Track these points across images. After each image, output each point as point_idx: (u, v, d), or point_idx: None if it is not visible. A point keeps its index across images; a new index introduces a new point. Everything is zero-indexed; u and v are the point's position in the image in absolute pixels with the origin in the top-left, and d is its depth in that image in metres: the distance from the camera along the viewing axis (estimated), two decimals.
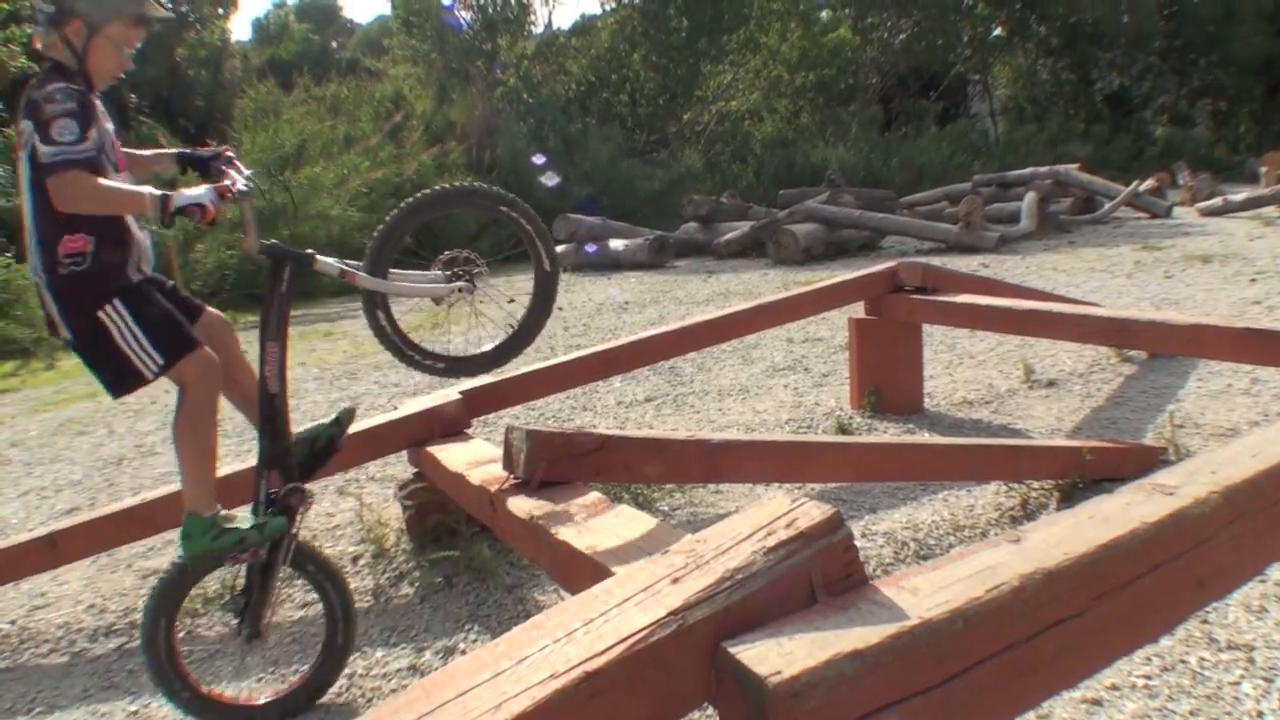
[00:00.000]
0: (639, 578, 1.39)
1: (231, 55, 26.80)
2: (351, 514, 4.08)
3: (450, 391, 3.84)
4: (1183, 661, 2.60)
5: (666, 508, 3.90)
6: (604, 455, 2.60)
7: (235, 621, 2.81)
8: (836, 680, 1.18)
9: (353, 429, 3.72)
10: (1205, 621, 2.80)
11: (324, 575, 2.88)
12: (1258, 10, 31.97)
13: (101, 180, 2.49)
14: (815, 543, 1.34)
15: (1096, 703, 2.44)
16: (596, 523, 2.19)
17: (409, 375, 6.88)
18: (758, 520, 1.41)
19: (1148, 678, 2.54)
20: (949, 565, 1.41)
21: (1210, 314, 6.68)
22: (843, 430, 4.69)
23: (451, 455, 3.29)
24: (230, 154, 3.04)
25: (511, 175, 17.20)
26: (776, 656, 1.20)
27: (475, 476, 2.94)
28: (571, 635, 1.32)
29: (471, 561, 3.47)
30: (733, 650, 1.24)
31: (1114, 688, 2.49)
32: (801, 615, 1.30)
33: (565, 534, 2.14)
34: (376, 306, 3.06)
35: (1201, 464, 1.88)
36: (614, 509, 2.28)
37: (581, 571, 2.01)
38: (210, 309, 3.01)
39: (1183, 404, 4.89)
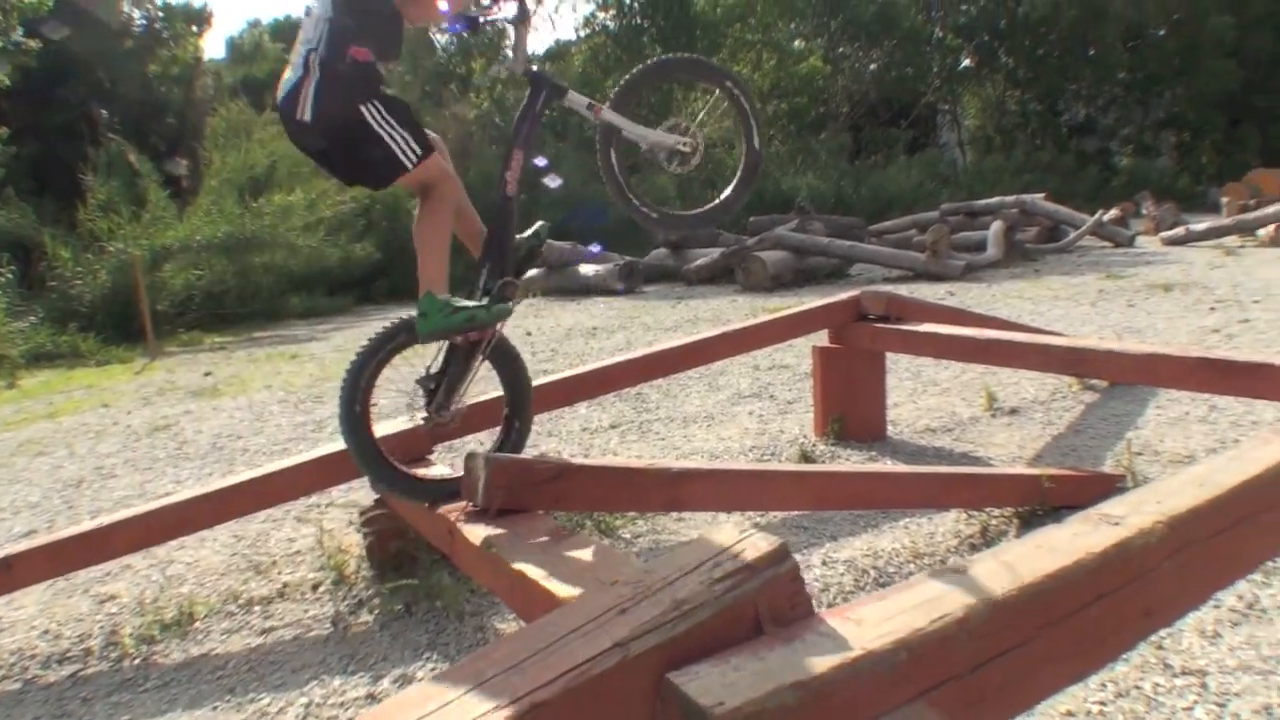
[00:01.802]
0: (587, 608, 1.39)
1: (204, 73, 26.66)
2: (313, 540, 4.05)
3: (417, 416, 3.83)
4: (1137, 687, 2.61)
5: (629, 535, 3.90)
6: (563, 483, 2.60)
7: (426, 401, 3.17)
8: (779, 711, 1.18)
9: (314, 454, 3.75)
10: (1160, 647, 2.82)
11: (513, 366, 3.27)
12: (1219, 44, 32.59)
13: None
14: (761, 574, 1.35)
15: None
16: (553, 551, 2.19)
17: (377, 398, 6.85)
18: (705, 551, 1.42)
19: (1102, 704, 2.55)
20: (895, 595, 1.43)
21: (1169, 343, 6.78)
22: (806, 458, 4.71)
23: None
24: None
25: (482, 201, 17.21)
26: (720, 687, 1.21)
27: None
28: (519, 665, 1.32)
29: (432, 589, 3.45)
30: (677, 681, 1.24)
31: (1069, 714, 2.50)
32: (747, 646, 1.31)
33: (521, 563, 2.13)
34: (610, 145, 3.32)
35: (1148, 494, 1.91)
36: (571, 537, 2.28)
37: (537, 601, 2.01)
38: (431, 133, 3.20)
39: (1142, 431, 4.95)
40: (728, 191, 3.48)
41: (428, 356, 3.24)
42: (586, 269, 13.45)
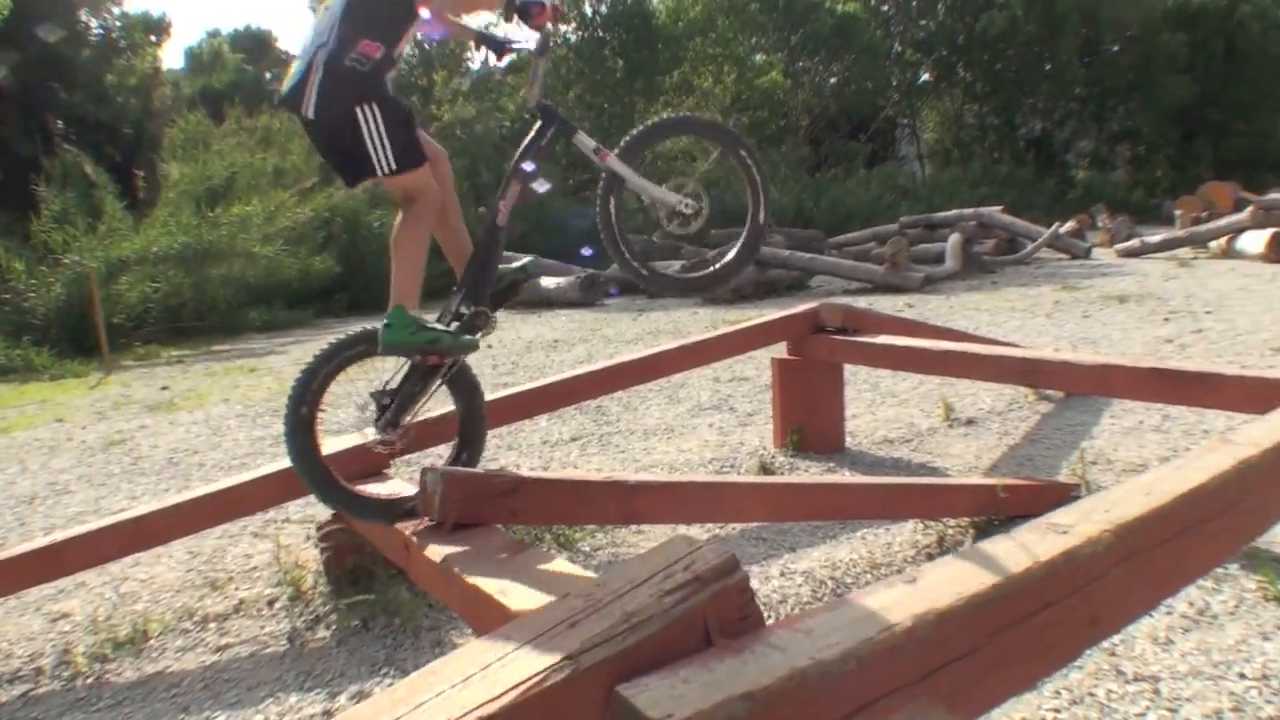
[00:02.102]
0: (537, 622, 1.39)
1: (162, 83, 26.39)
2: (270, 555, 4.02)
3: (368, 431, 3.80)
4: (1091, 694, 2.64)
5: (588, 548, 3.89)
6: (519, 497, 2.59)
7: (377, 416, 3.15)
8: None
9: (269, 470, 3.71)
10: (1113, 654, 2.85)
11: (470, 397, 3.26)
12: (1173, 59, 33.18)
13: None
14: (711, 586, 1.36)
15: None
16: (508, 566, 2.18)
17: (334, 413, 6.79)
18: (656, 564, 1.42)
19: (1056, 711, 2.57)
20: (844, 606, 1.44)
21: (1122, 354, 6.88)
22: (765, 469, 4.73)
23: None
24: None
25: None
26: (669, 699, 1.21)
27: None
28: (468, 680, 1.31)
29: (389, 605, 3.43)
30: (626, 694, 1.24)
31: None
32: (697, 658, 1.31)
33: (476, 577, 2.13)
34: (611, 194, 3.25)
35: (1096, 503, 1.93)
36: (526, 551, 2.27)
37: (491, 615, 2.00)
38: (435, 144, 3.33)
39: (1096, 441, 5.01)
40: (728, 257, 3.43)
41: (389, 371, 3.23)
42: (547, 281, 13.43)
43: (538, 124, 3.25)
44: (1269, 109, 37.25)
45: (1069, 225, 18.62)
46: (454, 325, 3.15)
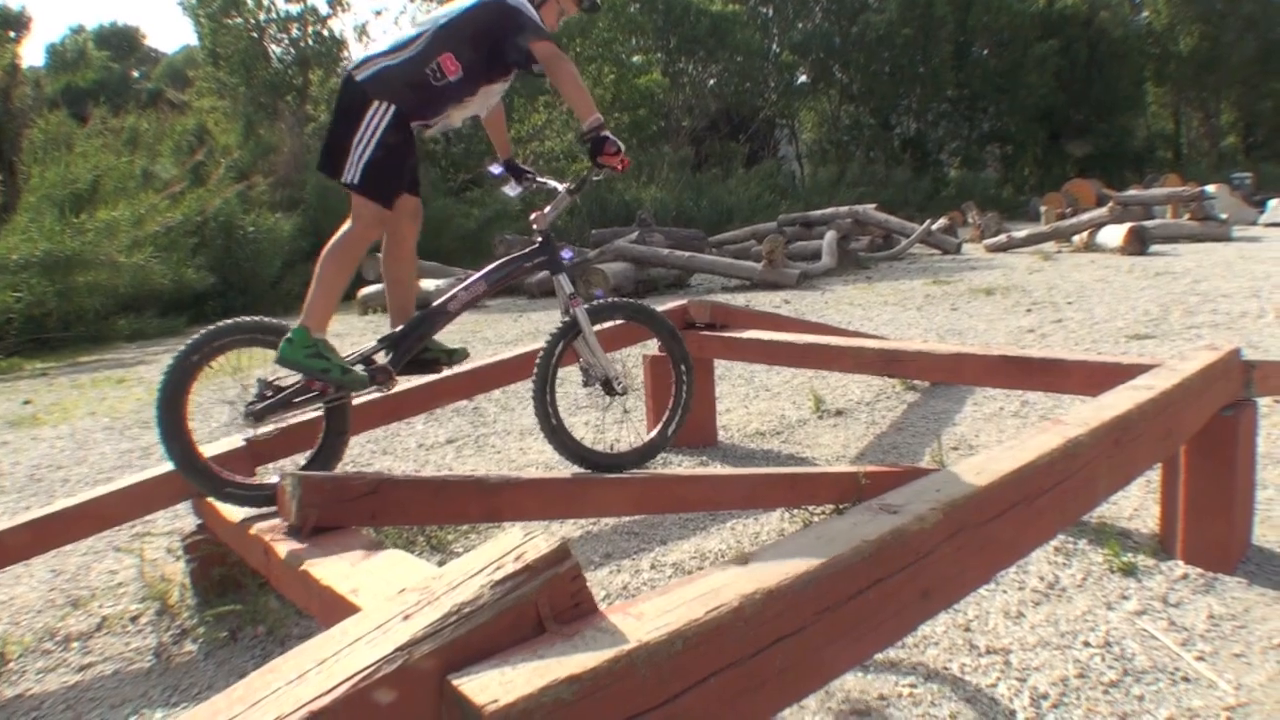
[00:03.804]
0: (374, 616, 1.40)
1: (22, 82, 25.21)
2: (136, 570, 3.90)
3: (234, 438, 3.73)
4: (946, 668, 2.75)
5: (462, 549, 3.88)
6: (378, 499, 2.58)
7: (252, 402, 3.11)
8: (554, 706, 1.22)
9: (133, 480, 3.60)
10: (968, 629, 2.98)
11: (338, 434, 3.23)
12: (1040, 63, 34.51)
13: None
14: (542, 574, 1.38)
15: (865, 713, 2.56)
16: (363, 566, 2.18)
17: (204, 424, 6.62)
18: (489, 555, 1.45)
19: (913, 686, 2.67)
20: (677, 589, 1.48)
21: (971, 344, 7.13)
22: None
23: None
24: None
25: (320, 212, 16.81)
26: (497, 685, 1.23)
27: (252, 525, 2.86)
28: (304, 676, 1.32)
29: (257, 614, 3.37)
30: (456, 682, 1.26)
31: (881, 697, 2.62)
32: (528, 644, 1.34)
33: (330, 579, 2.12)
34: (564, 339, 3.31)
35: (929, 484, 2.02)
36: (382, 552, 2.27)
37: (344, 616, 1.99)
38: (414, 197, 3.34)
39: (958, 428, 5.20)
40: (650, 436, 3.52)
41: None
42: (428, 284, 13.27)
43: (532, 247, 3.36)
44: (1128, 109, 39.10)
45: (941, 222, 19.23)
46: (358, 365, 3.17)
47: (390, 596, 1.45)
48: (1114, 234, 15.36)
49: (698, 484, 3.26)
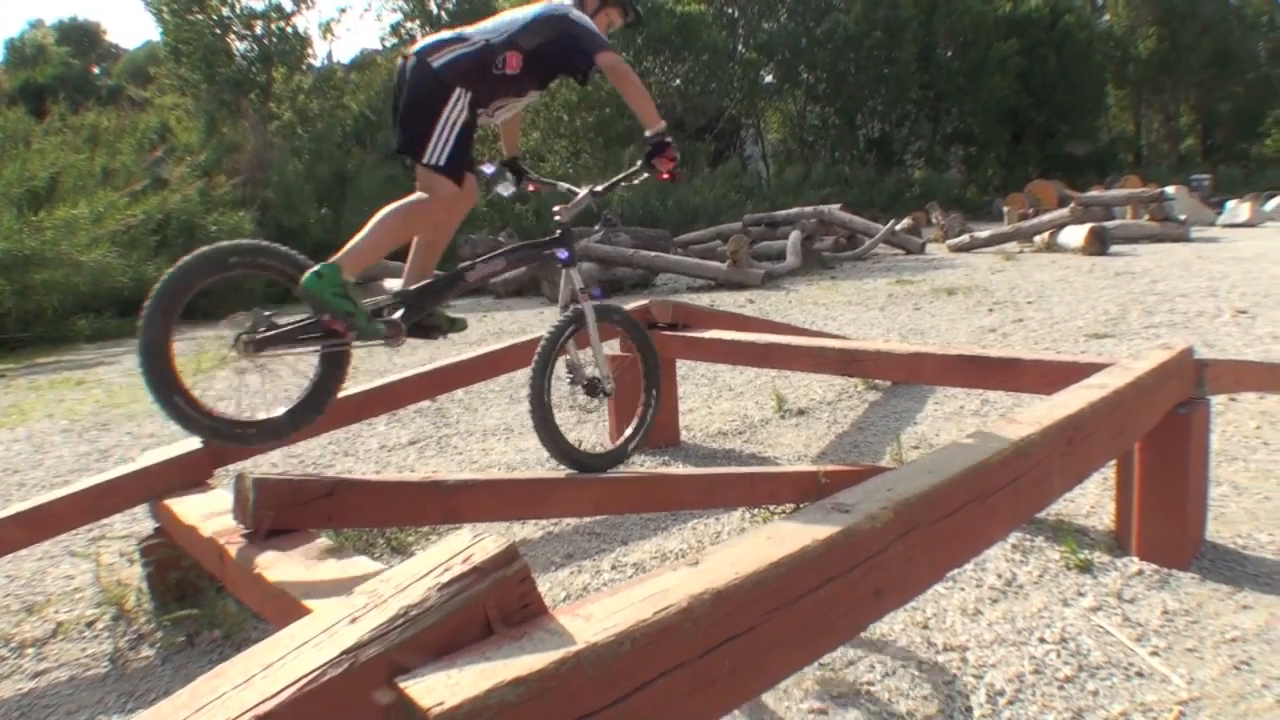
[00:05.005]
0: (321, 619, 1.39)
1: None
2: (93, 575, 3.85)
3: (193, 441, 3.69)
4: (904, 666, 2.77)
5: (422, 551, 3.86)
6: (334, 501, 2.57)
7: (248, 331, 2.99)
8: (500, 708, 1.21)
9: (88, 483, 3.56)
10: (926, 627, 3.00)
11: (334, 375, 3.19)
12: (1003, 65, 34.86)
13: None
14: (490, 576, 1.38)
15: (823, 712, 2.57)
16: (317, 570, 2.16)
17: (164, 426, 6.55)
18: (437, 557, 1.44)
19: (870, 684, 2.69)
20: (626, 590, 1.48)
21: (930, 343, 7.19)
22: None
23: (188, 508, 3.14)
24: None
25: (283, 211, 16.67)
26: (443, 688, 1.23)
27: (208, 529, 2.82)
28: (250, 681, 1.31)
29: (215, 618, 3.34)
30: (402, 685, 1.26)
31: (839, 696, 2.63)
32: (475, 646, 1.33)
33: (284, 582, 2.10)
34: (570, 330, 3.45)
35: (881, 483, 2.04)
36: (336, 555, 2.25)
37: (296, 618, 1.98)
38: (472, 175, 3.48)
39: (919, 426, 5.24)
40: (628, 435, 3.77)
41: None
42: (392, 283, 13.18)
43: (551, 236, 3.55)
44: (1091, 111, 39.59)
45: (905, 222, 19.38)
46: (372, 312, 3.20)
47: (338, 600, 1.44)
48: (1075, 234, 15.54)
49: (658, 484, 3.26)
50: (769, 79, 34.11)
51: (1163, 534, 3.34)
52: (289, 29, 23.08)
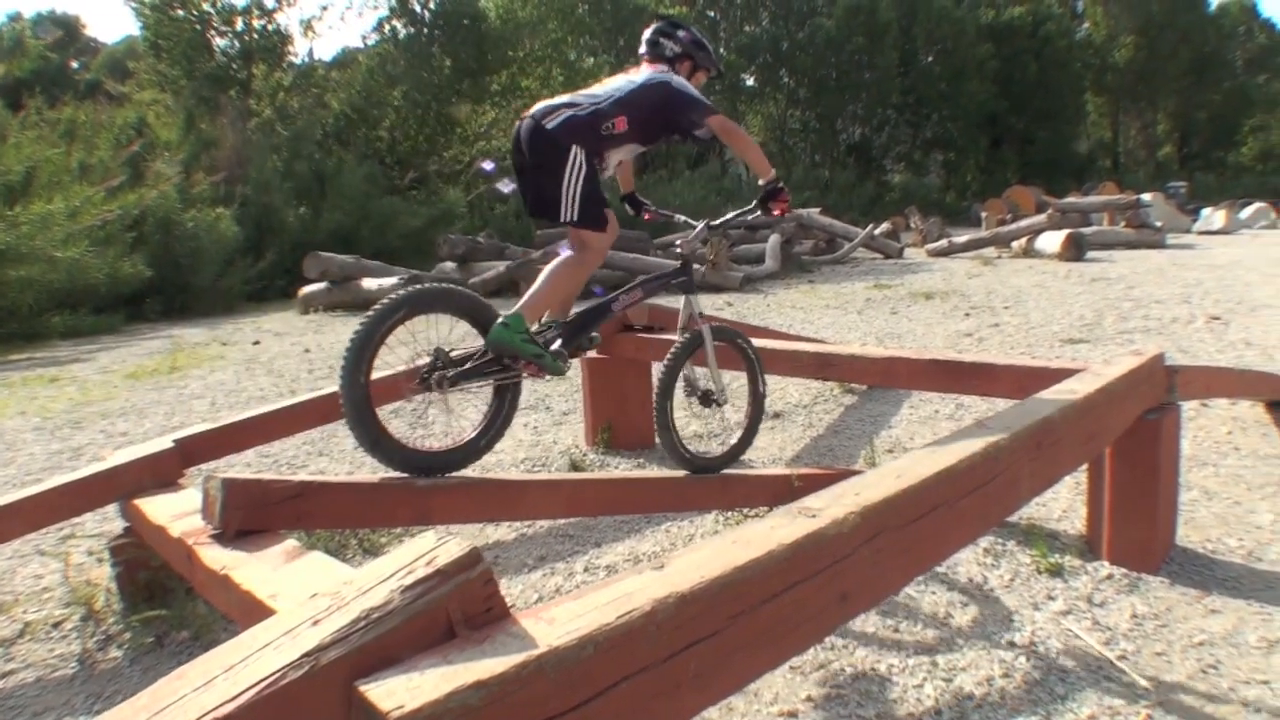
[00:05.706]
0: (284, 622, 1.38)
1: None
2: (62, 575, 3.82)
3: (164, 440, 3.66)
4: (874, 669, 2.78)
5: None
6: (303, 502, 2.55)
7: (432, 369, 3.34)
8: (461, 712, 1.21)
9: (58, 481, 3.52)
10: (896, 630, 3.01)
11: (504, 410, 3.52)
12: (982, 71, 35.09)
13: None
14: (453, 579, 1.37)
15: (793, 714, 2.57)
16: (284, 571, 2.15)
17: (138, 425, 6.51)
18: (401, 560, 1.44)
19: (839, 688, 2.70)
20: (590, 594, 1.48)
21: (905, 347, 7.21)
22: (575, 467, 4.77)
23: (158, 507, 3.11)
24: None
25: (261, 208, 16.58)
26: (404, 691, 1.22)
27: (177, 529, 2.80)
28: (211, 683, 1.29)
29: (184, 619, 3.31)
30: (363, 688, 1.25)
31: (809, 699, 2.64)
32: (437, 650, 1.33)
33: (251, 584, 2.09)
34: (686, 355, 3.80)
35: (849, 487, 2.04)
36: (304, 556, 2.24)
37: (261, 619, 1.97)
38: (615, 221, 3.67)
39: (894, 430, 5.26)
40: (735, 438, 4.01)
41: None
42: (369, 283, 13.13)
43: (675, 268, 3.90)
44: (1069, 118, 39.90)
45: (884, 226, 19.46)
46: (549, 352, 3.49)
47: (302, 603, 1.43)
48: (1052, 240, 15.64)
49: (630, 486, 3.27)
50: (750, 82, 34.18)
51: (1133, 538, 3.37)
52: (270, 26, 22.99)
